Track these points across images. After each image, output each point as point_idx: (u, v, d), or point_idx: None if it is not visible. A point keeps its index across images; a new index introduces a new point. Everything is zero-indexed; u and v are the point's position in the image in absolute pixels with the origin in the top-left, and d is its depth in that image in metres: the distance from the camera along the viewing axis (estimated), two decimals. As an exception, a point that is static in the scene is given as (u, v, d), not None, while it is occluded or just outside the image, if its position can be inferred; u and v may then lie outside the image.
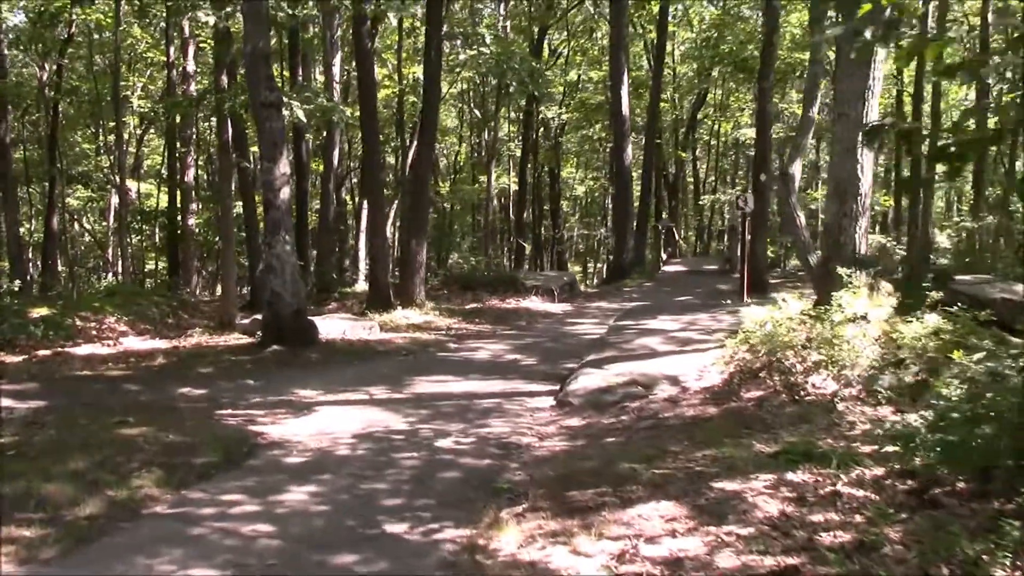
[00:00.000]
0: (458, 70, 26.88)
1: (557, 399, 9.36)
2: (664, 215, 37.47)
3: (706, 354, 10.03)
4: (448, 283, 22.38)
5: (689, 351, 10.34)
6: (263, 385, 10.52)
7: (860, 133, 10.00)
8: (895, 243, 22.05)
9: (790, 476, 6.24)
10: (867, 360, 8.35)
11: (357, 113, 19.75)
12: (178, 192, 25.89)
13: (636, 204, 29.06)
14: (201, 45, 25.25)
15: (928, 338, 8.78)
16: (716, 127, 45.86)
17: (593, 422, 8.43)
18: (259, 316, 13.99)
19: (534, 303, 20.29)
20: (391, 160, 39.73)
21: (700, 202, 45.46)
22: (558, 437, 8.01)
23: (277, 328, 12.65)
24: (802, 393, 8.23)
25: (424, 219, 17.81)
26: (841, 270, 9.85)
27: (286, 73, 24.03)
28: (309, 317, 13.38)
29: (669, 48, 34.00)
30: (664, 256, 30.90)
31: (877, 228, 34.70)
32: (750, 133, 40.50)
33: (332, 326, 14.21)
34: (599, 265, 51.41)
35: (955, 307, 8.91)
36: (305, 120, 15.70)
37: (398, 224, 31.68)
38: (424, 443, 7.80)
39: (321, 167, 28.56)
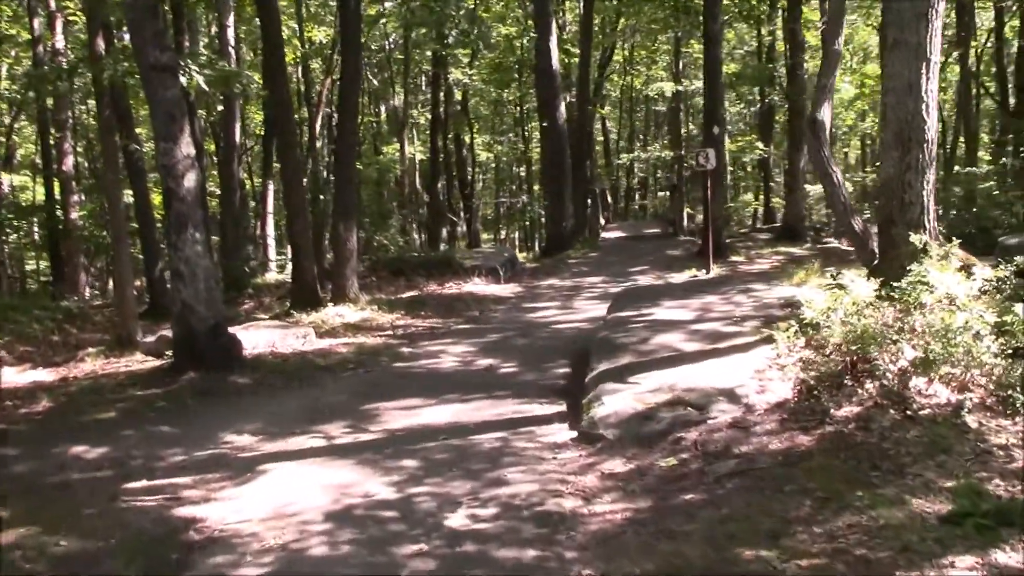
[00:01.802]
0: (384, 21, 24.15)
1: (580, 429, 7.18)
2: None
3: (751, 353, 7.97)
4: (376, 269, 19.95)
5: (725, 348, 8.27)
6: (183, 432, 8.07)
7: (924, 65, 8.03)
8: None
9: (1000, 557, 4.31)
10: (989, 355, 6.42)
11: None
12: (56, 183, 22.78)
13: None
14: (71, 18, 22.08)
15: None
16: (627, 81, 43.97)
17: (645, 466, 6.28)
18: (166, 332, 11.42)
19: (478, 286, 18.05)
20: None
21: (619, 160, 43.66)
22: (609, 496, 5.85)
23: (192, 348, 10.14)
24: (913, 405, 6.26)
25: (352, 199, 15.35)
26: (914, 237, 7.92)
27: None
28: (230, 331, 10.88)
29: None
30: (602, 222, 28.95)
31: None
32: (666, 87, 38.98)
33: (257, 337, 11.73)
34: (516, 234, 49.42)
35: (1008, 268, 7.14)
36: (207, 88, 13.03)
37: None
38: (429, 522, 5.55)
39: (213, 146, 25.73)
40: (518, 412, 8.11)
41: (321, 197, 24.49)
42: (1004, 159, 20.11)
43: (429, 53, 33.88)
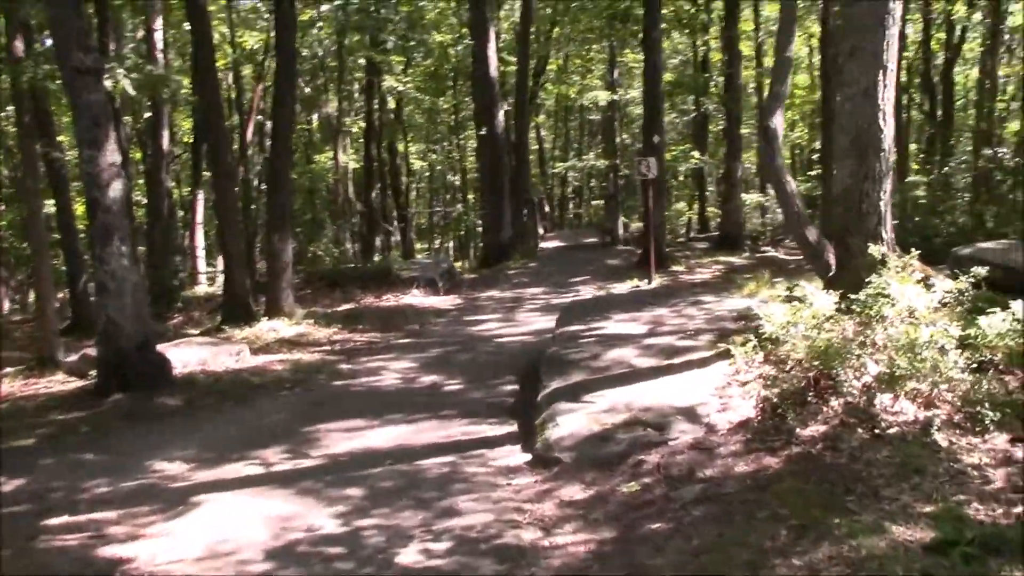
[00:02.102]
0: (320, 25, 23.55)
1: (535, 452, 6.83)
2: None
3: (708, 369, 7.72)
4: (311, 280, 19.39)
5: (680, 364, 8.00)
6: (109, 460, 7.54)
7: (881, 72, 7.87)
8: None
9: (992, 590, 4.09)
10: (956, 370, 6.23)
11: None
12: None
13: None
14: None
15: (1011, 334, 6.77)
16: (562, 90, 43.83)
17: (606, 492, 5.95)
18: (91, 350, 10.80)
19: (416, 298, 17.63)
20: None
21: (554, 169, 43.52)
22: (570, 526, 5.50)
23: (118, 368, 9.56)
24: (882, 424, 6.04)
25: (287, 208, 14.79)
26: (872, 248, 7.74)
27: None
28: (158, 348, 10.31)
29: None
30: (540, 231, 28.68)
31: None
32: (601, 96, 38.96)
33: (188, 355, 11.16)
34: (450, 243, 48.95)
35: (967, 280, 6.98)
36: (133, 92, 12.41)
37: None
38: (379, 559, 5.17)
39: (140, 154, 24.89)
40: (467, 433, 7.74)
41: (253, 207, 23.87)
42: (945, 168, 20.37)
43: (363, 61, 33.38)
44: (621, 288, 17.48)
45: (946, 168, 20.14)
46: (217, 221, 14.98)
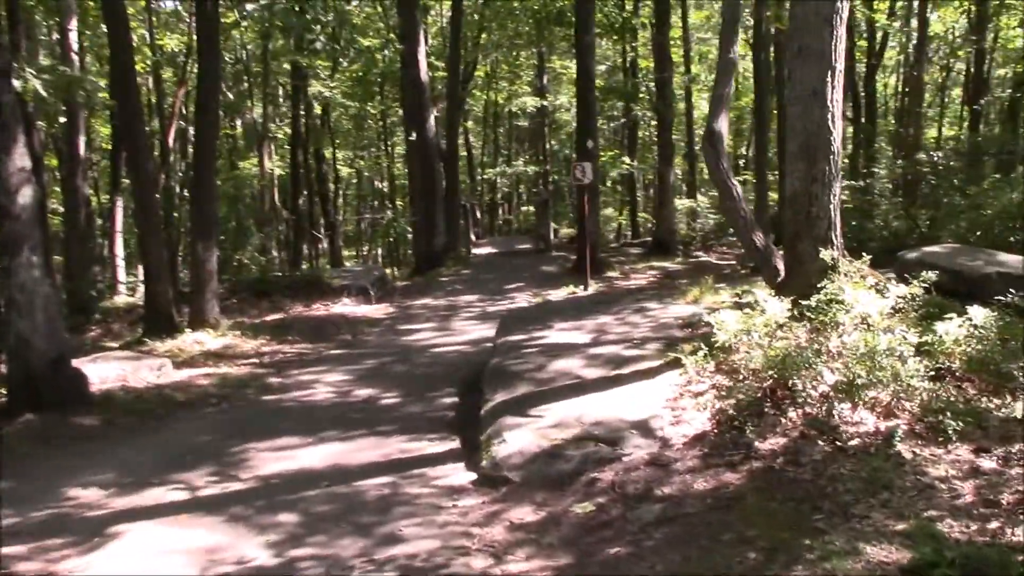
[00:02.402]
0: (243, 26, 22.82)
1: (481, 471, 6.45)
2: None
3: (658, 380, 7.44)
4: (237, 290, 18.70)
5: (629, 374, 7.71)
6: (18, 488, 6.95)
7: (829, 73, 7.69)
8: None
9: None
10: (917, 379, 6.03)
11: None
12: None
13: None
14: None
15: (969, 340, 6.62)
16: (490, 96, 43.59)
17: (558, 513, 5.61)
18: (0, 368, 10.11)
19: (348, 307, 17.11)
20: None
21: (483, 176, 43.19)
22: (522, 551, 5.15)
23: (29, 387, 8.91)
24: (843, 435, 5.82)
25: (212, 215, 14.14)
26: (824, 253, 7.54)
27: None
28: (74, 364, 9.67)
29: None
30: (473, 238, 28.29)
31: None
32: (530, 101, 38.82)
33: (107, 370, 10.53)
34: (379, 250, 48.28)
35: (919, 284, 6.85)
36: (45, 95, 11.71)
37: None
38: (318, 596, 4.74)
39: (56, 161, 23.87)
40: (407, 451, 7.34)
41: (176, 215, 23.05)
42: (874, 173, 20.50)
43: (288, 66, 32.70)
44: (557, 295, 17.20)
45: (875, 172, 20.25)
46: (137, 230, 14.25)
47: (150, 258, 13.82)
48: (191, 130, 22.06)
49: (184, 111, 25.65)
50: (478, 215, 34.02)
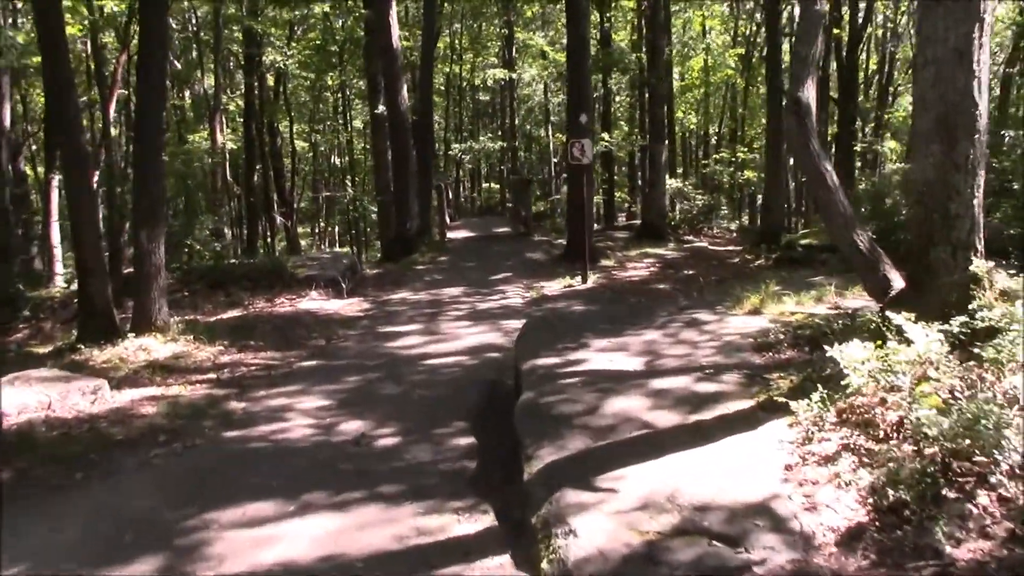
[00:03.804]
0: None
1: (545, 580, 4.56)
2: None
3: (759, 432, 5.56)
4: (188, 280, 16.57)
5: (714, 421, 5.82)
6: None
7: (977, 27, 5.85)
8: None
9: None
10: None
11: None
12: None
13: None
14: None
15: None
16: (452, 70, 41.47)
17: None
18: None
19: (316, 302, 15.08)
20: (86, 122, 32.42)
21: (451, 152, 41.05)
22: None
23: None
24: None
25: (159, 199, 11.93)
26: (979, 265, 5.74)
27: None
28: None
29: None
30: (447, 220, 26.25)
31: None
32: (498, 74, 36.80)
33: (27, 396, 8.42)
34: (335, 228, 46.06)
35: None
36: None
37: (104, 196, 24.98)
38: None
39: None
40: (425, 531, 5.41)
41: (119, 190, 20.77)
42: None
43: (240, 35, 30.44)
44: (552, 287, 15.39)
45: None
46: (69, 214, 12.08)
47: (84, 248, 11.67)
48: (135, 101, 19.74)
49: (128, 79, 23.25)
50: (450, 195, 31.92)
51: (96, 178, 21.89)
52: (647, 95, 23.95)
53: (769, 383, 6.35)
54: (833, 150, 28.81)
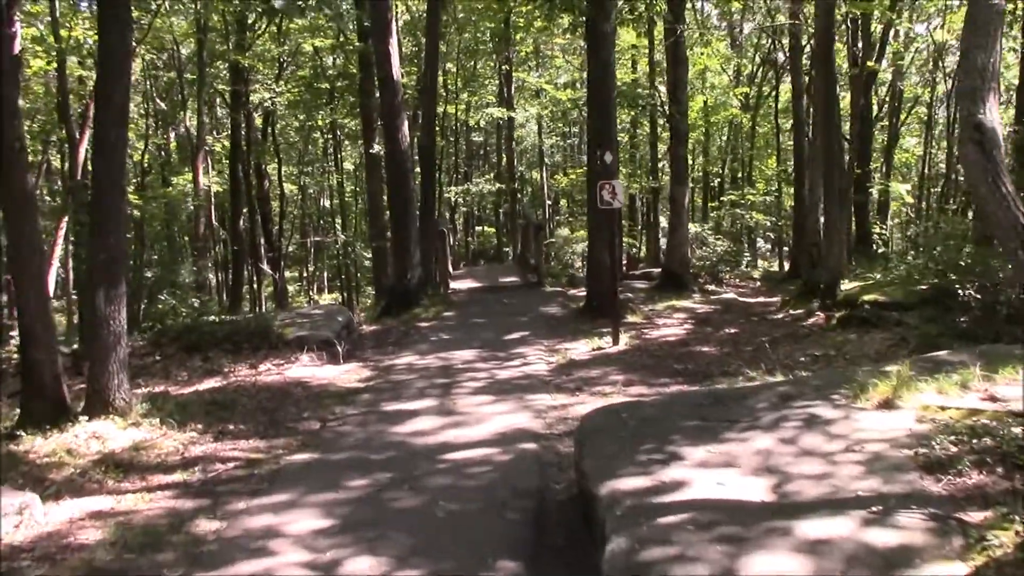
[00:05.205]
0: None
1: None
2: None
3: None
4: (161, 343, 14.52)
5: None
6: None
7: None
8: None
9: None
10: None
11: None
12: None
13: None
14: None
15: None
16: (446, 109, 39.80)
17: None
18: None
19: (308, 368, 13.06)
20: (55, 163, 30.61)
21: (446, 194, 39.19)
22: None
23: None
24: None
25: (119, 255, 9.84)
26: None
27: None
28: None
29: None
30: (449, 270, 24.25)
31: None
32: (496, 113, 35.19)
33: (-73, 519, 6.37)
34: (322, 273, 44.21)
35: None
36: None
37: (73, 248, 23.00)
38: None
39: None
40: None
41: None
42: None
43: (227, 73, 28.79)
44: (579, 350, 13.46)
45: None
46: (9, 270, 10.04)
47: (28, 312, 9.61)
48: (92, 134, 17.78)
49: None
50: (450, 241, 29.97)
51: (63, 227, 19.94)
52: (669, 132, 22.09)
53: (972, 531, 4.37)
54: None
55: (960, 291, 10.89)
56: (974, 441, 5.39)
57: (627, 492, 5.26)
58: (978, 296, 10.62)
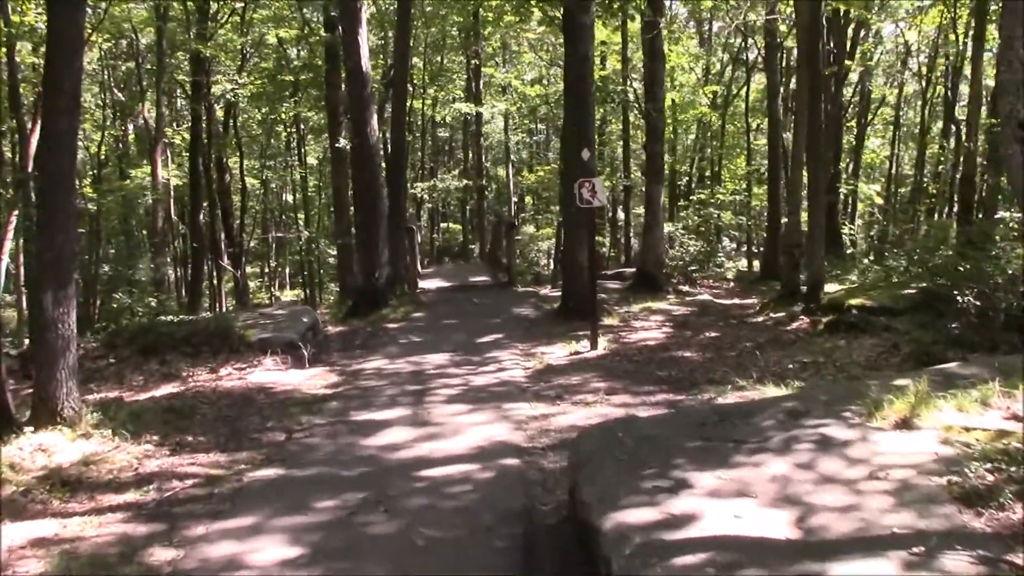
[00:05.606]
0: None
1: None
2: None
3: None
4: (115, 344, 13.79)
5: None
6: None
7: None
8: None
9: None
10: None
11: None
12: None
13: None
14: None
15: None
16: (415, 104, 39.14)
17: None
18: None
19: (272, 373, 12.41)
20: (8, 154, 29.52)
21: (412, 190, 38.50)
22: None
23: None
24: None
25: (68, 254, 9.18)
26: None
27: None
28: None
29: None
30: (418, 268, 23.61)
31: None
32: (464, 108, 34.68)
33: None
34: (284, 269, 43.41)
35: None
36: None
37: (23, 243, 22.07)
38: None
39: None
40: None
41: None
42: None
43: (187, 64, 27.98)
44: (556, 354, 12.94)
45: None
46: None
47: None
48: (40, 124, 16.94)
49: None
50: (419, 239, 29.31)
51: (13, 221, 19.08)
52: (645, 129, 21.65)
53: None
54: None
55: (959, 297, 10.47)
56: (1012, 469, 4.92)
57: (634, 527, 4.72)
58: (977, 303, 10.21)
